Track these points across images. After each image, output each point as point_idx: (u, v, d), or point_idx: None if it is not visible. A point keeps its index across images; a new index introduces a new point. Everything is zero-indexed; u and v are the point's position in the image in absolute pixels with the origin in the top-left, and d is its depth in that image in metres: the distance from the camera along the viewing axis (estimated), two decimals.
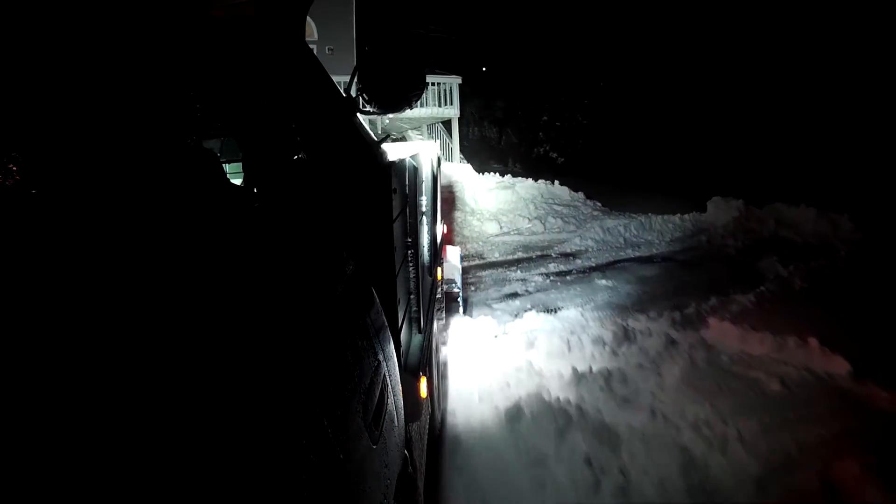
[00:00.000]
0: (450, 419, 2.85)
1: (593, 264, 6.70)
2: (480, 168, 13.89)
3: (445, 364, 3.49)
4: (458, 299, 4.73)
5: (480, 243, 8.41)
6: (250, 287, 0.77)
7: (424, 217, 2.24)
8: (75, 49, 0.66)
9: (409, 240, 1.76)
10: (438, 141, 13.25)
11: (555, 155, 21.06)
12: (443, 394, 3.09)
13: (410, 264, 1.78)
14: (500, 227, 9.37)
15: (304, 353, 0.78)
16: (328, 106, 1.45)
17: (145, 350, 0.52)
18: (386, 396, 1.08)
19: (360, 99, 1.48)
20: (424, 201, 2.26)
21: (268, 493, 0.56)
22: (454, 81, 12.65)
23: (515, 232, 9.30)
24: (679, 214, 8.82)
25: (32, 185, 0.54)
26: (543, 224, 9.53)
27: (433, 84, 12.44)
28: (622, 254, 7.17)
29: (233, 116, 1.02)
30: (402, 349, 1.50)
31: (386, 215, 1.39)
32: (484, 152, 20.35)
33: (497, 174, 11.73)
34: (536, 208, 10.22)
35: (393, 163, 1.45)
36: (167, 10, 0.85)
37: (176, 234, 0.69)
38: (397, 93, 1.50)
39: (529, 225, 9.60)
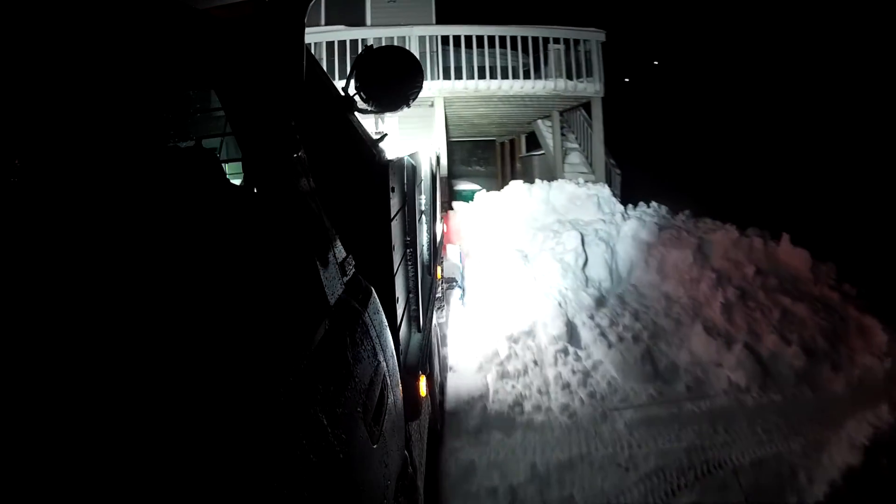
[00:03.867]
0: None
1: None
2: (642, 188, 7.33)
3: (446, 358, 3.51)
4: (459, 290, 4.82)
5: None
6: (250, 286, 0.77)
7: (423, 216, 2.24)
8: (74, 50, 0.66)
9: (408, 238, 1.76)
10: (576, 134, 9.02)
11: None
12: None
13: (409, 263, 1.77)
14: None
15: (303, 352, 0.78)
16: (326, 105, 1.45)
17: (146, 348, 0.52)
18: (386, 396, 1.08)
19: (358, 98, 1.47)
20: (423, 200, 2.25)
21: (268, 493, 0.56)
22: (593, 38, 7.58)
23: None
24: None
25: (32, 185, 0.54)
26: None
27: (557, 43, 7.53)
28: None
29: (233, 116, 1.01)
30: (401, 348, 1.50)
31: (384, 214, 1.39)
32: (645, 153, 13.37)
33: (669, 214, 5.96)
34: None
35: (391, 161, 1.45)
36: (165, 9, 0.85)
37: (177, 233, 0.69)
38: (395, 91, 1.49)
39: None
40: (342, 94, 1.49)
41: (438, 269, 3.19)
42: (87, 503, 0.40)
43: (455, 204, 6.96)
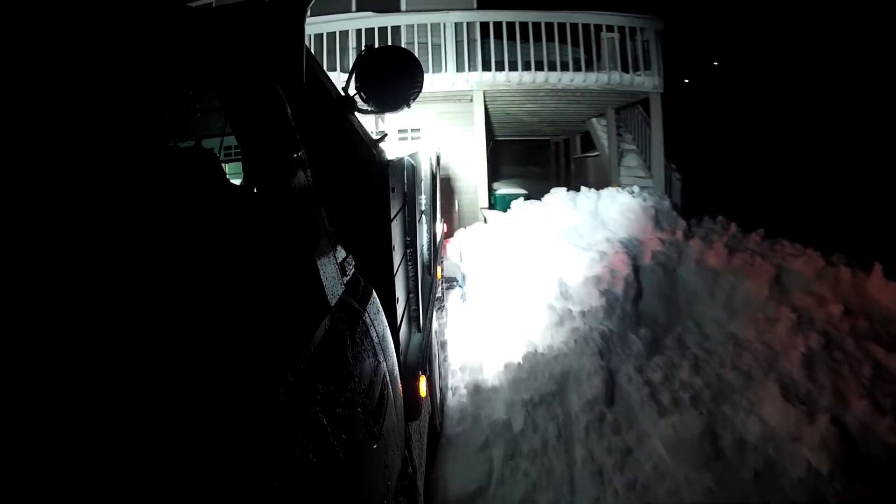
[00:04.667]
0: None
1: None
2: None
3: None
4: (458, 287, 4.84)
5: None
6: (250, 286, 0.77)
7: (423, 216, 2.24)
8: (71, 49, 0.66)
9: (408, 238, 1.76)
10: (633, 135, 8.26)
11: None
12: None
13: (409, 263, 1.77)
14: None
15: (303, 352, 0.78)
16: (326, 105, 1.45)
17: (146, 348, 0.52)
18: (386, 396, 1.08)
19: (358, 98, 1.47)
20: (423, 200, 2.25)
21: (268, 493, 0.56)
22: (651, 26, 6.95)
23: None
24: None
25: (35, 185, 0.54)
26: None
27: (610, 31, 6.97)
28: None
29: (233, 116, 1.01)
30: (401, 348, 1.50)
31: (384, 214, 1.39)
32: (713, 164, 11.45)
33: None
34: None
35: (391, 161, 1.45)
36: (165, 8, 0.85)
37: (176, 233, 0.69)
38: (395, 91, 1.49)
39: None
40: (342, 93, 1.50)
41: (438, 268, 3.19)
42: (87, 503, 0.40)
43: (489, 214, 6.01)
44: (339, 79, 4.07)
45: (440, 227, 3.43)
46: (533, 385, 3.16)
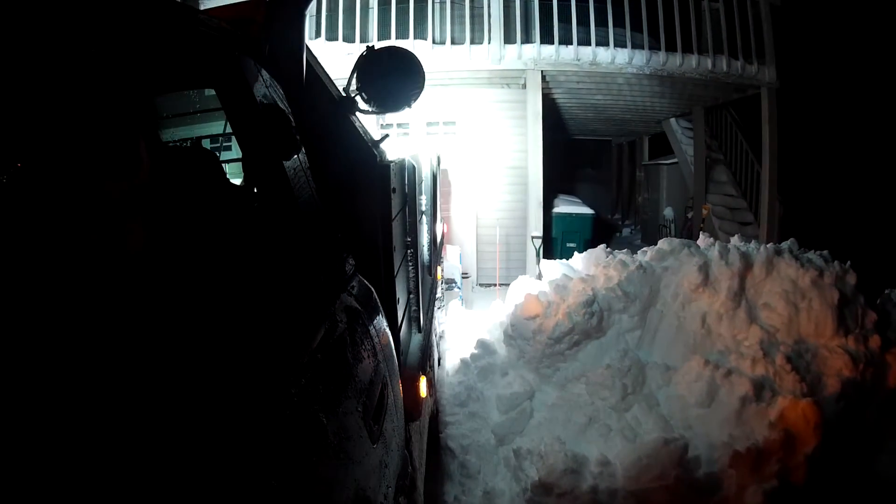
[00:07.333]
0: None
1: None
2: None
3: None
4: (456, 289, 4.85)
5: None
6: (250, 287, 0.77)
7: (424, 216, 2.24)
8: (72, 50, 0.66)
9: (409, 239, 1.76)
10: (720, 141, 6.52)
11: None
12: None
13: (410, 264, 1.77)
14: None
15: (304, 352, 0.78)
16: (327, 105, 1.45)
17: (147, 348, 0.52)
18: (386, 396, 1.08)
19: (359, 98, 1.47)
20: (424, 200, 2.25)
21: (268, 493, 0.56)
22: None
23: None
24: None
25: (33, 184, 0.54)
26: None
27: (715, 1, 5.25)
28: None
29: (233, 116, 1.01)
30: (401, 348, 1.50)
31: (385, 214, 1.39)
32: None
33: None
34: None
35: (392, 162, 1.45)
36: (166, 9, 0.85)
37: (177, 233, 0.69)
38: (396, 91, 1.49)
39: None
40: (343, 93, 1.50)
41: (439, 269, 3.19)
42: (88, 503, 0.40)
43: (546, 267, 3.77)
44: (357, 49, 3.16)
45: (440, 228, 3.43)
46: None
